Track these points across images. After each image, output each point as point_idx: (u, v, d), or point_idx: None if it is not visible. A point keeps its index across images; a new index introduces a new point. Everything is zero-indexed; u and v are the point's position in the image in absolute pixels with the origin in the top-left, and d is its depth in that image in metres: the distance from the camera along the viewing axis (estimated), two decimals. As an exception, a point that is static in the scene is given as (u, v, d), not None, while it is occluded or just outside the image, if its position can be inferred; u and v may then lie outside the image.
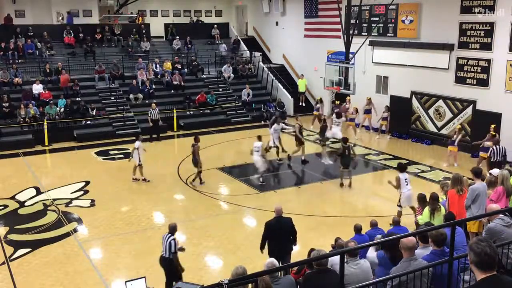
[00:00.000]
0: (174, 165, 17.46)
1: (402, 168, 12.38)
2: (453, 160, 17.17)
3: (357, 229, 8.84)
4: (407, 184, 11.86)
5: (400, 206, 11.96)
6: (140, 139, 15.95)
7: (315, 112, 23.49)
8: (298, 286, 6.27)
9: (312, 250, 8.38)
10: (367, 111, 21.82)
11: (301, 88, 26.26)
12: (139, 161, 15.59)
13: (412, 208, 11.79)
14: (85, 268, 10.47)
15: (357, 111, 21.75)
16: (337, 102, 22.94)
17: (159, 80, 25.04)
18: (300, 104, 26.07)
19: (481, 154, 15.78)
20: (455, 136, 17.10)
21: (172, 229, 8.91)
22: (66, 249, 11.31)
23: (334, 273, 5.64)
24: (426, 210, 8.67)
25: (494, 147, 14.67)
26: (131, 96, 23.52)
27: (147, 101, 23.56)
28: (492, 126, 16.18)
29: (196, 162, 15.34)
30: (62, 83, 22.61)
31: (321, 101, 23.28)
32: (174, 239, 8.81)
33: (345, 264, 6.13)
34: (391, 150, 19.57)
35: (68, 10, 28.03)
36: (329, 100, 24.97)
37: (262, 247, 9.23)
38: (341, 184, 15.26)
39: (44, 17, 27.41)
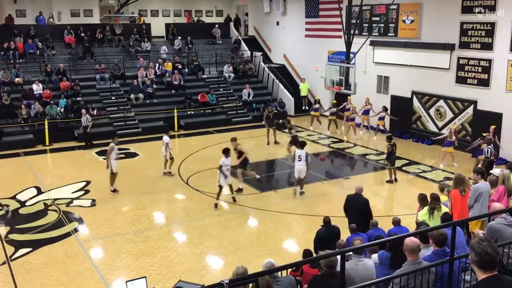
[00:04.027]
0: (175, 165, 17.42)
1: (301, 145, 14.29)
2: (449, 160, 17.03)
3: (353, 230, 8.83)
4: (299, 160, 13.91)
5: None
6: (168, 133, 16.57)
7: (313, 113, 23.32)
8: (299, 286, 6.27)
9: (307, 250, 8.38)
10: (365, 112, 21.70)
11: (303, 92, 26.02)
12: (170, 155, 16.18)
13: (299, 180, 14.11)
14: (85, 268, 10.46)
15: (355, 110, 21.71)
16: (334, 102, 22.79)
17: (160, 80, 25.04)
18: (303, 108, 25.89)
19: (479, 157, 15.62)
20: (449, 137, 16.82)
21: None
22: (66, 249, 11.31)
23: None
24: (425, 209, 8.65)
25: (490, 147, 14.77)
26: (132, 96, 23.50)
27: (148, 101, 23.58)
28: (493, 127, 16.21)
29: None
30: (63, 88, 22.60)
31: (319, 101, 23.19)
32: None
33: (350, 260, 6.14)
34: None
35: (68, 9, 28.14)
36: (330, 100, 24.91)
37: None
38: (395, 179, 15.65)
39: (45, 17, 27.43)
